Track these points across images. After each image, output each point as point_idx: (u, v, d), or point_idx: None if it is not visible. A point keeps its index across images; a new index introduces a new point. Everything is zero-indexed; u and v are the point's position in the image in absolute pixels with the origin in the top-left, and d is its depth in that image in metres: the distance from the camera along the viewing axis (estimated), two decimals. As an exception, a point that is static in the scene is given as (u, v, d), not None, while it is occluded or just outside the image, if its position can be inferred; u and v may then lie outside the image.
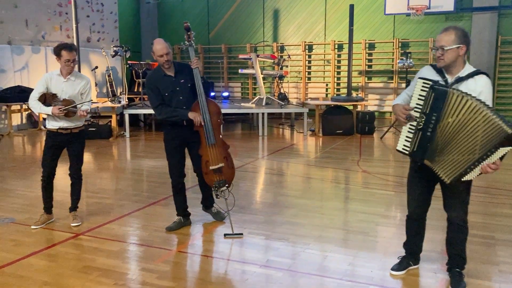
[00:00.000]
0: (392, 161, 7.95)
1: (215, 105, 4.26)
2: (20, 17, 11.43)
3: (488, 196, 5.49)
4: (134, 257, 3.78)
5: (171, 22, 16.32)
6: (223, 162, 4.22)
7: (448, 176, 2.88)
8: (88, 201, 5.37)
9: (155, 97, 4.18)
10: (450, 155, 2.85)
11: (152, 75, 4.29)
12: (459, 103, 2.75)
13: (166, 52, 4.06)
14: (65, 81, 4.31)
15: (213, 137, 4.15)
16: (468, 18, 12.79)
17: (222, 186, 4.22)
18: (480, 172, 2.80)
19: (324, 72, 14.71)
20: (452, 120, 2.78)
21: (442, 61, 2.92)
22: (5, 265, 3.57)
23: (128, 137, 10.31)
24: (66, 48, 4.24)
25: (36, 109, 4.29)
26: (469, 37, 2.93)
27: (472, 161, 2.77)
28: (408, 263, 3.43)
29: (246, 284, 3.28)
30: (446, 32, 2.90)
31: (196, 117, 4.07)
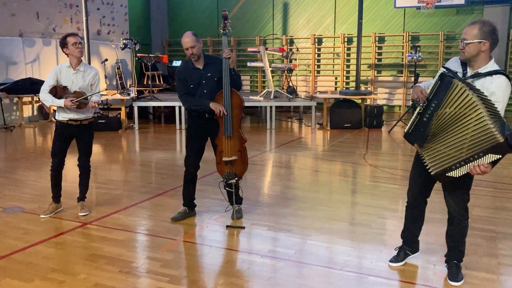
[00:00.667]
0: (399, 155, 7.96)
1: (239, 97, 4.25)
2: (32, 9, 11.56)
3: (495, 191, 5.49)
4: (140, 246, 3.87)
5: (181, 15, 16.37)
6: (236, 155, 4.27)
7: (433, 167, 2.91)
8: (96, 192, 5.48)
9: (182, 87, 4.29)
10: (439, 145, 2.88)
11: (182, 67, 4.40)
12: (460, 95, 2.74)
13: (191, 46, 4.12)
14: (75, 73, 4.39)
15: (231, 128, 4.21)
16: (479, 11, 12.66)
17: (231, 179, 4.28)
18: (467, 171, 2.81)
19: (334, 66, 14.68)
20: (449, 111, 2.79)
21: (462, 54, 2.92)
22: (14, 252, 3.69)
23: (137, 129, 10.42)
24: (70, 35, 4.36)
25: (48, 102, 4.35)
26: (496, 34, 2.87)
27: (459, 159, 2.79)
28: (405, 253, 3.46)
29: (248, 272, 3.36)
30: (472, 26, 2.88)
31: (217, 108, 4.12)
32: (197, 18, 16.10)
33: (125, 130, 10.34)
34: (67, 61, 4.41)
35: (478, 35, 2.82)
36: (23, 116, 10.98)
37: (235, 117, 4.23)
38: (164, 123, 11.92)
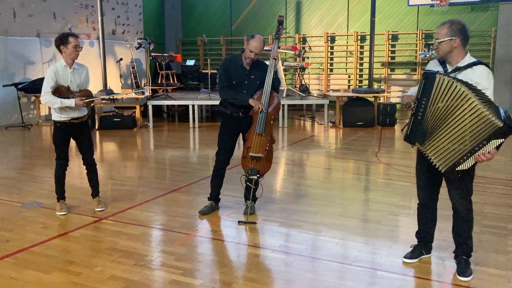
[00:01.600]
0: (411, 153, 7.95)
1: (277, 99, 4.38)
2: (48, 10, 11.78)
3: (506, 188, 5.47)
4: (154, 240, 3.97)
5: (195, 15, 16.51)
6: (263, 153, 4.36)
7: (442, 165, 2.96)
8: (112, 188, 5.60)
9: (224, 79, 4.39)
10: (440, 140, 2.94)
11: (230, 59, 4.48)
12: (449, 88, 2.85)
13: (257, 53, 4.24)
14: (72, 71, 4.41)
15: (263, 127, 4.31)
16: (495, 8, 12.55)
17: (253, 174, 4.36)
18: (475, 161, 2.87)
19: (347, 64, 14.67)
20: (442, 105, 2.89)
21: (438, 53, 3.11)
22: (34, 245, 3.81)
23: (151, 128, 10.56)
24: (72, 35, 4.35)
25: (55, 104, 4.31)
26: (465, 31, 3.04)
27: (465, 152, 2.85)
28: (420, 252, 3.50)
29: (260, 266, 3.43)
30: (442, 26, 3.07)
31: (257, 104, 4.24)
32: (210, 18, 16.22)
33: (140, 128, 10.49)
34: (61, 61, 4.39)
35: (448, 33, 3.01)
36: (40, 114, 11.20)
37: (270, 116, 4.34)
38: (178, 122, 12.06)
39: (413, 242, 3.62)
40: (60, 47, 4.34)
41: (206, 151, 8.12)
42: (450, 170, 2.96)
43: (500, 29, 12.43)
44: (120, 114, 10.66)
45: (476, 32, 12.94)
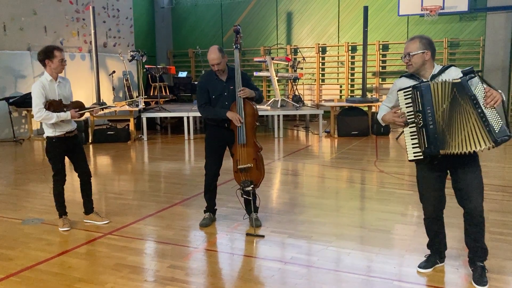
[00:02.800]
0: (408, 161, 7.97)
1: (251, 107, 4.35)
2: (39, 23, 11.68)
3: (507, 195, 5.51)
4: (163, 255, 3.89)
5: (185, 27, 16.52)
6: (251, 163, 4.32)
7: (483, 142, 2.94)
8: (113, 202, 5.52)
9: (201, 96, 4.39)
10: (459, 132, 2.98)
11: (205, 76, 4.49)
12: (444, 89, 3.00)
13: (217, 62, 4.23)
14: (58, 85, 4.36)
15: (245, 137, 4.28)
16: (483, 18, 12.77)
17: (248, 186, 4.32)
18: (494, 108, 2.94)
19: (338, 74, 14.77)
20: (446, 105, 3.00)
21: (411, 66, 3.21)
22: (39, 263, 3.72)
23: (145, 140, 10.48)
24: (57, 49, 4.29)
25: (51, 119, 4.24)
26: (433, 45, 3.21)
27: (481, 118, 2.92)
28: (435, 261, 3.48)
29: (273, 280, 3.38)
30: (412, 41, 3.20)
31: (234, 117, 4.22)
32: (201, 29, 16.25)
33: (134, 141, 10.40)
34: (45, 76, 4.31)
35: (420, 47, 3.15)
36: (32, 129, 11.05)
37: (248, 125, 4.31)
38: (171, 134, 11.99)
39: (425, 251, 3.60)
40: (45, 61, 4.26)
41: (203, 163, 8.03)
42: (495, 141, 2.96)
43: (488, 38, 12.64)
44: (113, 127, 10.56)
45: (465, 41, 13.14)
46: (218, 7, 15.91)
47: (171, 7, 16.58)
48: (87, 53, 12.95)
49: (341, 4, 14.32)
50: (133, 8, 14.92)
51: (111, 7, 13.99)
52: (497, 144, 2.93)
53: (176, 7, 16.52)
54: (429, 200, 3.36)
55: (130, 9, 14.77)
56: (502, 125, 2.91)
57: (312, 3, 14.67)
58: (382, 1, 13.75)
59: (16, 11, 11.07)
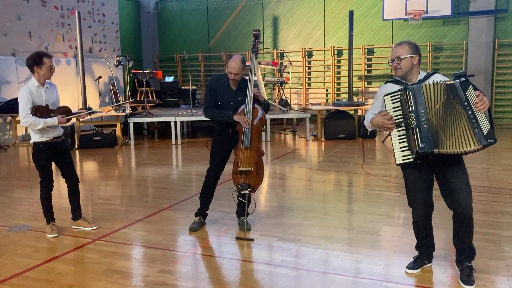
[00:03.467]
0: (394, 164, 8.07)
1: (260, 111, 4.38)
2: (24, 29, 11.57)
3: (491, 196, 5.61)
4: (152, 260, 3.88)
5: (171, 31, 16.50)
6: (252, 167, 4.34)
7: (472, 144, 2.99)
8: (100, 208, 5.48)
9: (209, 99, 4.41)
10: (453, 132, 3.04)
11: (217, 79, 4.47)
12: (437, 89, 3.05)
13: (236, 73, 4.25)
14: (45, 90, 4.33)
15: (249, 140, 4.30)
16: (465, 22, 12.99)
17: (245, 189, 4.33)
18: (483, 112, 2.97)
19: (324, 78, 14.88)
20: (438, 106, 3.05)
21: (399, 70, 3.25)
22: (28, 270, 3.68)
23: (133, 145, 10.43)
24: (46, 55, 4.26)
25: (38, 125, 4.21)
26: (420, 51, 3.29)
27: (470, 120, 2.97)
28: (423, 262, 3.54)
29: (263, 283, 3.40)
30: (401, 45, 3.26)
31: (242, 119, 4.24)
32: (188, 34, 16.25)
33: (121, 146, 10.34)
34: (32, 81, 4.28)
35: (409, 51, 3.22)
36: (17, 135, 10.93)
37: (254, 129, 4.32)
38: (158, 139, 11.95)
39: (413, 251, 3.65)
40: (34, 67, 4.23)
41: (191, 168, 8.06)
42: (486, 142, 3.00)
43: (471, 42, 12.86)
44: (100, 132, 10.49)
45: (448, 45, 13.35)
46: (204, 12, 15.93)
47: (157, 12, 16.56)
48: (72, 58, 12.86)
49: (326, 8, 14.46)
50: (118, 13, 14.86)
51: (97, 12, 13.91)
52: (484, 146, 2.99)
53: (162, 12, 16.50)
54: (419, 203, 3.37)
55: (115, 14, 14.71)
56: (490, 129, 2.96)
57: (298, 7, 14.78)
58: (367, 5, 13.92)
59: (0, 16, 10.96)
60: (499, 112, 13.12)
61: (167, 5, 16.37)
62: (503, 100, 13.04)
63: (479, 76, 12.72)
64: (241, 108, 4.34)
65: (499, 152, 8.90)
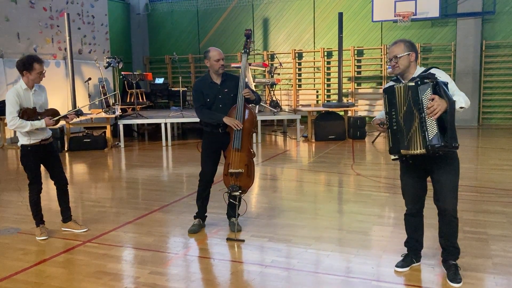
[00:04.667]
0: (384, 164, 8.14)
1: (251, 113, 4.38)
2: (12, 30, 11.48)
3: (479, 195, 5.68)
4: (143, 262, 3.88)
5: (161, 33, 16.48)
6: (243, 168, 4.34)
7: (418, 146, 3.07)
8: (91, 210, 5.46)
9: (197, 99, 4.45)
10: (408, 134, 3.13)
11: (200, 80, 4.56)
12: (404, 92, 3.14)
13: (222, 57, 4.35)
14: (33, 93, 4.30)
15: (240, 142, 4.31)
16: (453, 23, 13.14)
17: (235, 191, 4.34)
18: (432, 117, 3.00)
19: (314, 79, 14.95)
20: (405, 107, 3.14)
21: (397, 68, 3.29)
22: (17, 273, 3.66)
23: (123, 147, 10.39)
24: (37, 61, 4.22)
25: (25, 127, 4.18)
26: (416, 47, 3.35)
27: (421, 123, 3.04)
28: (411, 260, 3.58)
29: (254, 283, 3.41)
30: (396, 44, 3.31)
31: (231, 122, 4.25)
32: (178, 36, 16.24)
33: (111, 148, 10.29)
34: (20, 83, 4.24)
35: (405, 49, 3.27)
36: (5, 137, 10.83)
37: (245, 131, 4.33)
38: (149, 140, 11.92)
39: (402, 251, 3.69)
40: (24, 72, 4.20)
41: (182, 169, 8.05)
42: (428, 146, 3.05)
43: (458, 43, 13.01)
44: (90, 134, 10.43)
45: (437, 46, 13.49)
46: (194, 13, 15.93)
47: (147, 13, 16.53)
48: (62, 60, 12.78)
49: (316, 10, 14.53)
50: (108, 14, 14.81)
51: (86, 14, 13.85)
52: (428, 151, 3.04)
53: (152, 13, 16.47)
54: (409, 197, 3.50)
55: (105, 16, 14.65)
56: (436, 134, 3.00)
57: (287, 9, 14.84)
58: (356, 7, 14.02)
59: (-12, 17, 10.88)
60: (486, 113, 13.28)
61: (157, 6, 16.35)
62: (491, 101, 13.20)
63: (467, 77, 12.87)
64: (231, 109, 4.36)
65: (487, 152, 9.01)
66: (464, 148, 9.51)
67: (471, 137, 11.06)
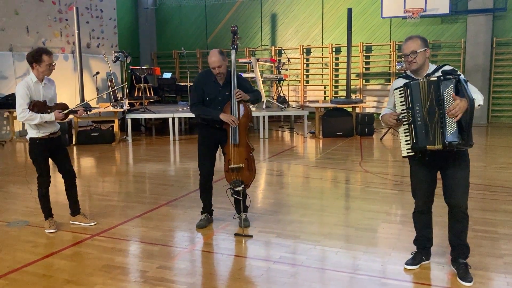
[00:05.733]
0: (392, 161, 8.10)
1: (246, 108, 4.37)
2: (21, 24, 11.52)
3: (488, 193, 5.64)
4: (151, 256, 3.88)
5: (169, 28, 16.46)
6: (243, 163, 4.34)
7: (437, 142, 3.07)
8: (99, 204, 5.48)
9: (196, 95, 4.40)
10: (431, 129, 3.09)
11: (203, 75, 4.48)
12: (426, 86, 3.11)
13: (218, 65, 4.24)
14: (43, 86, 4.33)
15: (237, 137, 4.29)
16: (463, 20, 13.01)
17: (238, 186, 4.33)
18: (455, 119, 2.98)
19: (322, 75, 14.88)
20: (429, 102, 3.09)
21: (415, 63, 3.25)
22: (26, 265, 3.68)
23: (130, 142, 10.41)
24: (46, 52, 4.23)
25: (34, 120, 4.20)
26: (428, 43, 3.31)
27: (440, 119, 3.03)
28: (421, 258, 3.56)
29: (262, 279, 3.41)
30: (412, 40, 3.27)
31: (228, 119, 4.23)
32: (186, 31, 16.21)
33: (119, 142, 10.32)
34: (30, 76, 4.27)
35: (422, 45, 3.24)
36: (14, 130, 10.89)
37: (242, 125, 4.32)
38: (156, 135, 11.94)
39: (411, 248, 3.67)
40: (33, 64, 4.23)
41: (189, 164, 8.05)
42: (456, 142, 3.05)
43: (468, 40, 12.89)
44: (98, 128, 10.46)
45: (446, 43, 13.37)
46: (203, 8, 15.90)
47: (155, 8, 16.51)
48: (70, 53, 12.82)
49: (325, 6, 14.45)
50: (116, 8, 14.82)
51: (95, 8, 13.87)
52: (444, 147, 3.04)
53: (160, 8, 16.46)
54: (419, 194, 3.47)
55: (113, 10, 14.66)
56: (455, 132, 3.00)
57: (296, 5, 14.76)
58: (366, 3, 13.92)
59: (-3, 11, 10.92)
60: (496, 111, 13.17)
61: (165, 1, 16.33)
62: (501, 98, 13.09)
63: (477, 74, 12.76)
64: (226, 104, 4.32)
65: (496, 151, 8.94)
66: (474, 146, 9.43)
67: (480, 135, 10.97)
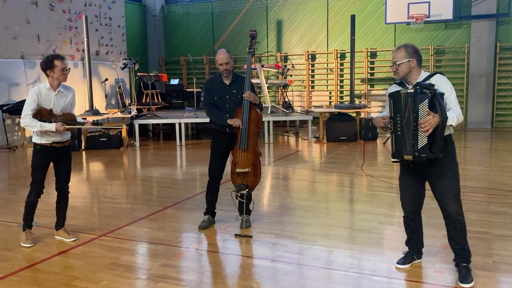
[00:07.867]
0: (394, 165, 8.22)
1: (257, 114, 4.53)
2: (32, 32, 11.83)
3: (487, 196, 5.75)
4: (155, 255, 4.07)
5: (177, 35, 16.73)
6: (249, 168, 4.51)
7: (410, 153, 3.21)
8: (106, 206, 5.68)
9: (207, 97, 4.71)
10: (408, 139, 3.22)
11: (211, 79, 4.83)
12: (405, 98, 3.21)
13: (225, 62, 4.49)
14: (56, 94, 4.22)
15: (246, 142, 4.47)
16: (467, 25, 13.12)
17: (242, 189, 4.50)
18: (424, 133, 3.12)
19: (327, 81, 15.04)
20: (407, 113, 3.21)
21: (398, 74, 3.40)
22: (36, 263, 3.88)
23: (138, 146, 10.64)
24: (58, 58, 4.17)
25: (34, 127, 4.10)
26: (419, 52, 3.40)
27: (413, 129, 3.17)
28: (412, 258, 3.69)
29: (260, 276, 3.57)
30: (398, 50, 3.39)
31: (235, 122, 4.43)
32: (193, 37, 16.47)
33: (127, 147, 10.55)
34: (45, 83, 4.20)
35: (406, 55, 3.33)
36: (25, 136, 11.16)
37: (251, 131, 4.50)
38: (163, 140, 12.17)
39: (404, 248, 3.81)
40: (47, 71, 4.17)
41: (195, 168, 8.24)
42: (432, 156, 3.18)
43: (472, 45, 12.98)
44: (106, 133, 10.71)
45: (450, 48, 13.48)
46: (209, 15, 16.16)
47: (163, 15, 16.80)
48: (79, 61, 13.11)
49: (329, 12, 14.63)
50: (125, 16, 15.12)
51: (104, 16, 14.17)
52: (414, 158, 3.19)
53: (168, 15, 16.74)
54: (406, 200, 3.60)
55: (122, 18, 14.96)
56: (426, 145, 3.13)
57: (301, 11, 14.96)
58: (370, 9, 14.08)
59: (10, 20, 11.22)
60: (500, 115, 13.22)
61: (173, 8, 16.62)
62: (505, 103, 13.14)
63: (481, 79, 12.85)
64: (238, 109, 4.52)
65: (498, 155, 9.03)
66: (477, 150, 9.54)
67: (484, 139, 11.05)
